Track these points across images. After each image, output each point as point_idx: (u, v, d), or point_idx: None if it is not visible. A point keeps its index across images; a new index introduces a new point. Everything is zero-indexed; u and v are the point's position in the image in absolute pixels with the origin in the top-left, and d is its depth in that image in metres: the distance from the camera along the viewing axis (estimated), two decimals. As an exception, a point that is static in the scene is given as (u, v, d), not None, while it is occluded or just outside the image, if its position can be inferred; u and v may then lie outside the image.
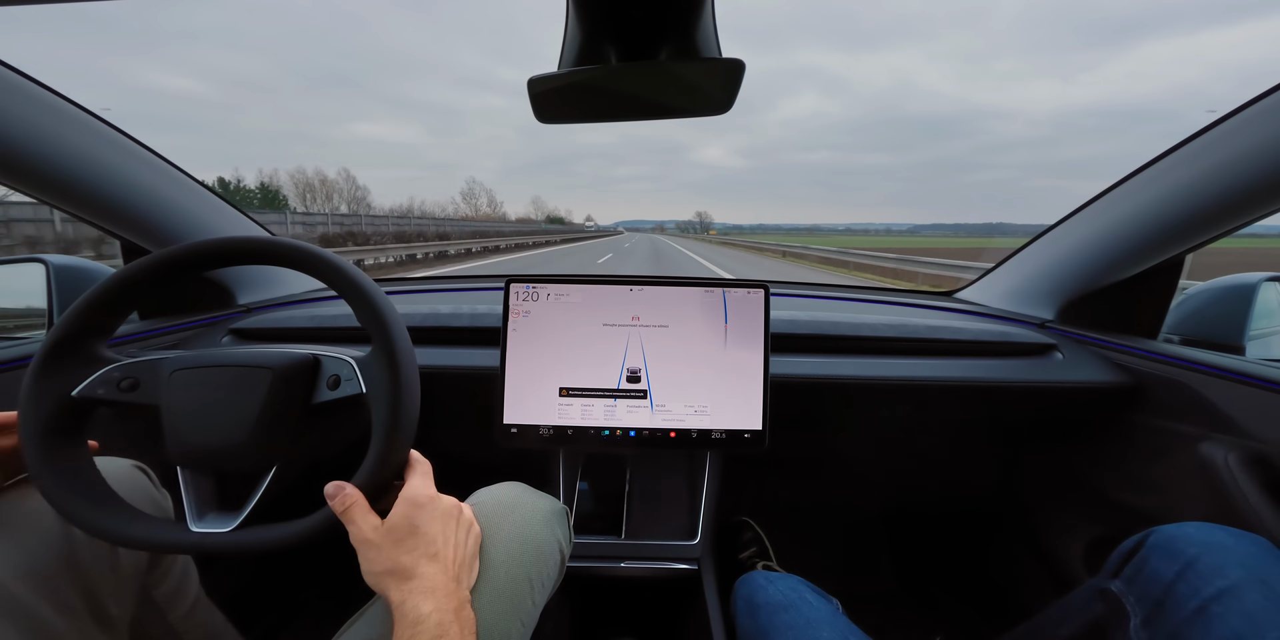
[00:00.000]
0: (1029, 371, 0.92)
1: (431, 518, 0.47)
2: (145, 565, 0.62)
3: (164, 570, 0.65)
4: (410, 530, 0.45)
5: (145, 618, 0.64)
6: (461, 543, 0.49)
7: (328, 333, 0.95)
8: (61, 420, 0.51)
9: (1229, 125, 0.73)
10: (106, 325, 0.55)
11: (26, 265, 0.96)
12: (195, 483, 0.51)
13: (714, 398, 0.81)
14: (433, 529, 0.46)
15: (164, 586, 0.65)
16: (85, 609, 0.53)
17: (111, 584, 0.56)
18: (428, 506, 0.47)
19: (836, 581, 0.84)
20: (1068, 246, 1.02)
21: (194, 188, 0.98)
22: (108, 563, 0.56)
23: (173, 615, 0.67)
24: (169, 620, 0.66)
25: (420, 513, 0.46)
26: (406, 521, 0.46)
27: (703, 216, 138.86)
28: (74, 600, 0.52)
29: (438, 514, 0.47)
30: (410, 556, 0.44)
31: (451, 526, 0.48)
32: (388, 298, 0.51)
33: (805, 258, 20.32)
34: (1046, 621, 0.67)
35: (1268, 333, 0.99)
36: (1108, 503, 0.96)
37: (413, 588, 0.43)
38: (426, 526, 0.46)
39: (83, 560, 0.54)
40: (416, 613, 0.41)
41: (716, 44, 0.51)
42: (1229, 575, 0.49)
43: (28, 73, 0.70)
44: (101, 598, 0.55)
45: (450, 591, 0.44)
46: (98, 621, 0.54)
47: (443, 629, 0.40)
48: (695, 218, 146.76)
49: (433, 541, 0.46)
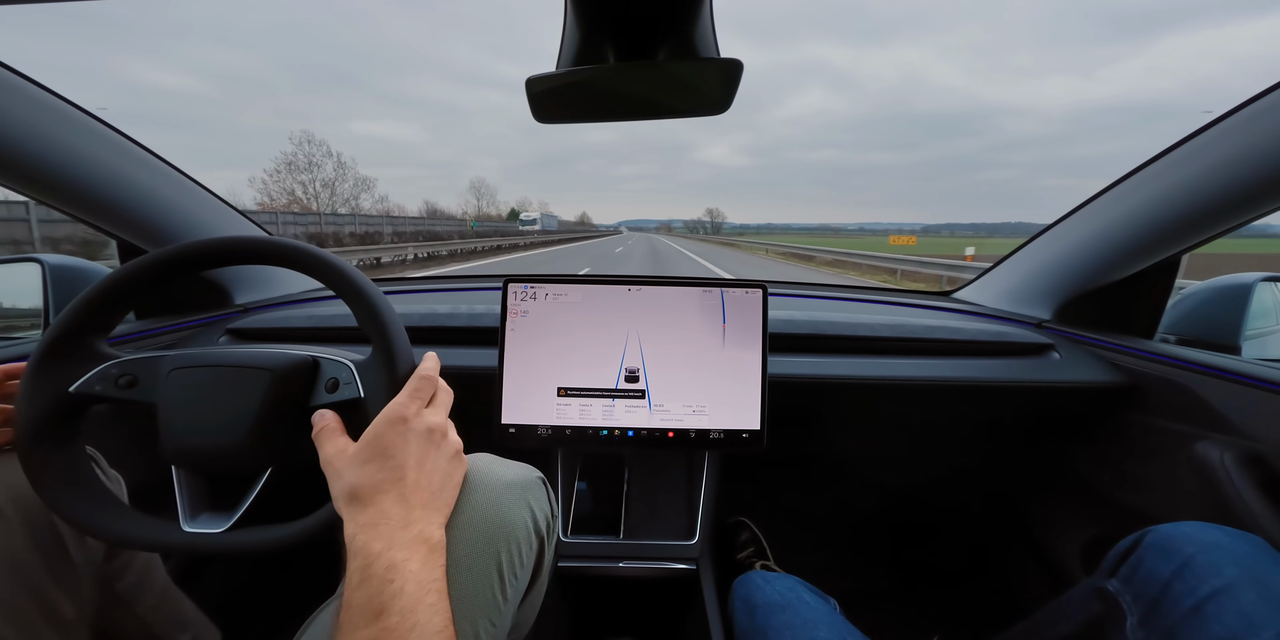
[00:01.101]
0: (1026, 371, 0.92)
1: (403, 439, 0.42)
2: (101, 558, 0.60)
3: (124, 562, 0.64)
4: (376, 451, 0.41)
5: (110, 613, 0.62)
6: (436, 469, 0.44)
7: (325, 333, 0.95)
8: (58, 416, 0.51)
9: (1224, 126, 0.73)
10: (105, 322, 0.55)
11: (22, 265, 0.95)
12: (189, 482, 0.51)
13: (712, 398, 0.81)
14: (402, 452, 0.42)
15: (126, 579, 0.64)
16: (35, 612, 0.52)
17: (65, 583, 0.54)
18: (401, 426, 0.43)
19: (834, 581, 0.84)
20: (1065, 247, 1.03)
21: (191, 188, 0.98)
22: (57, 560, 0.54)
23: (140, 607, 0.65)
24: (137, 612, 0.65)
25: (390, 431, 0.42)
26: (375, 441, 0.42)
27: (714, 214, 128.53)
28: (20, 605, 0.50)
29: (412, 435, 0.43)
30: (370, 481, 0.40)
31: (429, 451, 0.43)
32: (386, 298, 0.51)
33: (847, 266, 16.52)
34: (1043, 620, 0.67)
35: (1263, 332, 1.00)
36: (1104, 502, 0.96)
37: (365, 521, 0.39)
38: (395, 448, 0.42)
39: (26, 561, 0.52)
40: (366, 551, 0.37)
41: (715, 44, 0.51)
42: (1224, 574, 0.50)
43: (25, 72, 0.70)
44: (53, 599, 0.53)
45: (405, 523, 0.39)
46: (51, 624, 0.53)
47: (394, 570, 0.37)
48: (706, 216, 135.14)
49: (400, 466, 0.41)
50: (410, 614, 0.36)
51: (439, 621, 0.37)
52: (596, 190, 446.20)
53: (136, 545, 0.49)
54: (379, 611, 0.35)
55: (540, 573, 0.54)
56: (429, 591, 0.38)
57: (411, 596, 0.36)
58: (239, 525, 0.49)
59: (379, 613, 0.35)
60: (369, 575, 0.37)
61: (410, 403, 0.45)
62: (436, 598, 0.38)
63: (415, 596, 0.36)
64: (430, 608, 0.37)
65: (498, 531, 0.47)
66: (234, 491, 0.51)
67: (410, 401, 0.45)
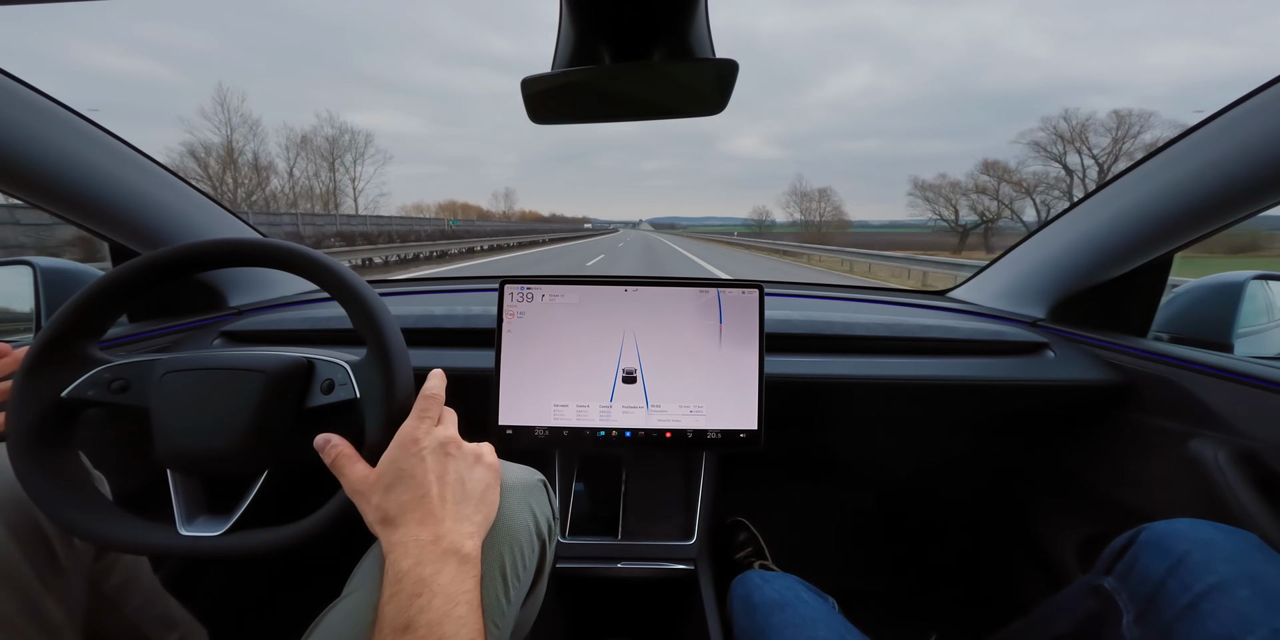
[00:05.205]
0: (1021, 370, 0.92)
1: (419, 459, 0.44)
2: (90, 559, 0.60)
3: (110, 562, 0.63)
4: (397, 475, 0.43)
5: (97, 613, 0.62)
6: (459, 480, 0.45)
7: (320, 335, 0.94)
8: (50, 421, 0.50)
9: (1215, 126, 0.74)
10: (97, 326, 0.54)
11: (13, 267, 0.94)
12: (185, 486, 0.51)
13: (709, 398, 0.81)
14: (421, 471, 0.43)
15: (113, 579, 0.64)
16: (23, 616, 0.51)
17: (54, 587, 0.54)
18: (414, 448, 0.44)
19: (832, 580, 0.84)
20: (1059, 246, 1.03)
21: (183, 189, 0.98)
22: (45, 564, 0.54)
23: (127, 608, 0.65)
24: (124, 613, 0.65)
25: (405, 454, 0.44)
26: (393, 467, 0.44)
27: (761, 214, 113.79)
28: (9, 612, 0.50)
29: (426, 453, 0.44)
30: (396, 504, 0.42)
31: (447, 465, 0.45)
32: (381, 300, 0.51)
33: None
34: (1040, 618, 0.67)
35: (1256, 330, 1.00)
36: (1100, 500, 0.97)
37: (395, 540, 0.41)
38: (413, 468, 0.43)
39: (14, 567, 0.51)
40: (396, 568, 0.39)
41: (710, 45, 0.51)
42: (1218, 571, 0.50)
43: (12, 72, 0.70)
44: (41, 602, 0.53)
45: (435, 538, 0.41)
46: (40, 628, 0.52)
47: (423, 585, 0.38)
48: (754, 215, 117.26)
49: (421, 484, 0.43)
50: (437, 627, 0.37)
51: (466, 633, 0.38)
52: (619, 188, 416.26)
53: (133, 550, 0.48)
54: (406, 626, 0.37)
55: (541, 574, 0.55)
56: (458, 604, 0.39)
57: (438, 611, 0.37)
58: (236, 528, 0.48)
59: (406, 627, 0.37)
60: (397, 591, 0.38)
61: (420, 423, 0.46)
62: (466, 609, 0.39)
63: (442, 610, 0.38)
64: (458, 620, 0.38)
65: (500, 534, 0.49)
66: (230, 494, 0.51)
67: (419, 422, 0.46)
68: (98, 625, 0.62)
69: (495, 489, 0.49)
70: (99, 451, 0.62)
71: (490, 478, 0.48)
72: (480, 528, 0.45)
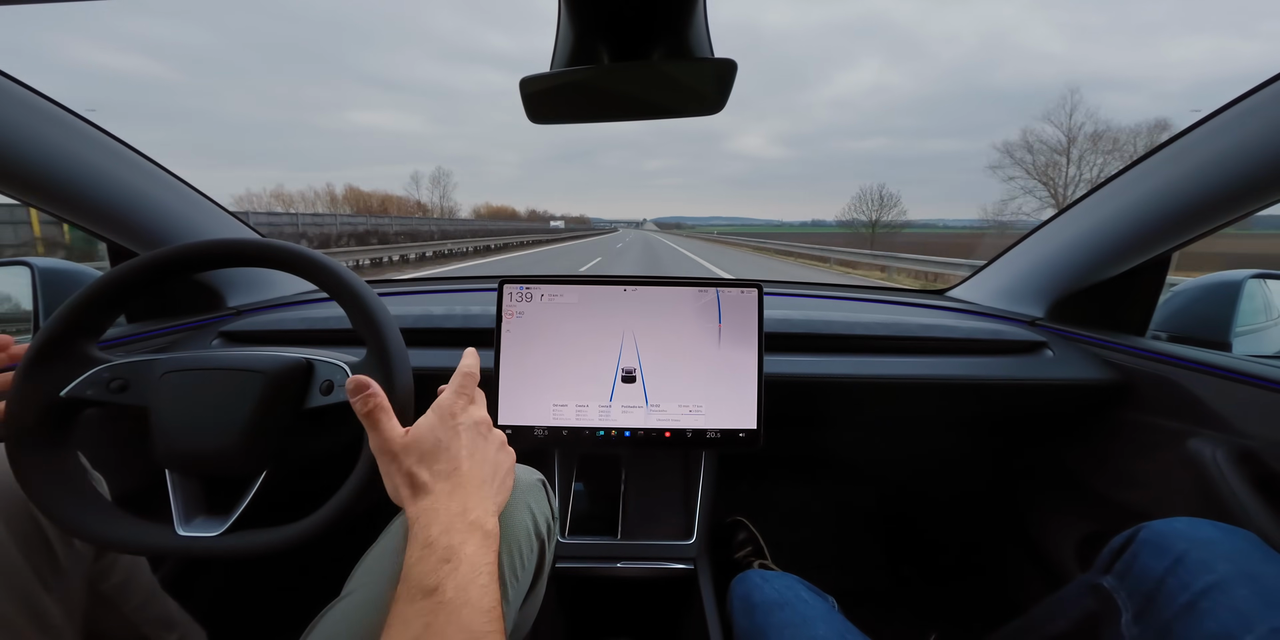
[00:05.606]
0: (1020, 369, 0.92)
1: (455, 433, 0.45)
2: (89, 559, 0.60)
3: (109, 562, 0.63)
4: (435, 444, 0.44)
5: (96, 613, 0.62)
6: (487, 460, 0.47)
7: (319, 335, 0.94)
8: (49, 421, 0.50)
9: (1212, 125, 0.74)
10: (96, 326, 0.54)
11: (11, 268, 0.94)
12: (183, 486, 0.51)
13: (708, 397, 0.81)
14: (455, 444, 0.45)
15: (112, 579, 0.64)
16: (23, 616, 0.51)
17: (54, 587, 0.54)
18: (451, 421, 0.45)
19: (832, 579, 0.84)
20: (1057, 245, 1.03)
21: (182, 189, 0.97)
22: (44, 565, 0.54)
23: (126, 608, 0.65)
24: (123, 613, 0.65)
25: (443, 426, 0.45)
26: (431, 434, 0.44)
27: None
28: (8, 613, 0.50)
29: (462, 429, 0.46)
30: (430, 471, 0.43)
31: (479, 443, 0.46)
32: (380, 300, 0.51)
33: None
34: (1039, 617, 0.68)
35: (1254, 329, 1.01)
36: (1099, 499, 0.97)
37: (425, 506, 0.41)
38: (450, 441, 0.44)
39: (14, 569, 0.51)
40: (426, 532, 0.40)
41: (709, 44, 0.51)
42: (1217, 570, 0.50)
43: (10, 74, 0.69)
44: (40, 602, 0.53)
45: (463, 510, 0.42)
46: (39, 628, 0.52)
47: (451, 551, 0.39)
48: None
49: (455, 457, 0.44)
50: (463, 591, 0.38)
51: (488, 601, 0.39)
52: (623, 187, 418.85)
53: (132, 550, 0.48)
54: (435, 587, 0.37)
55: (541, 574, 0.55)
56: (481, 573, 0.39)
57: (465, 576, 0.38)
58: (234, 529, 0.48)
59: (435, 589, 0.37)
60: (426, 555, 0.39)
61: (458, 399, 0.47)
62: (488, 579, 0.40)
63: (469, 577, 0.38)
64: (482, 588, 0.39)
65: (503, 533, 0.48)
66: (228, 495, 0.51)
67: (457, 398, 0.47)
68: (96, 625, 0.62)
69: (512, 476, 0.50)
70: (98, 451, 0.62)
71: (510, 464, 0.50)
72: (499, 509, 0.46)
